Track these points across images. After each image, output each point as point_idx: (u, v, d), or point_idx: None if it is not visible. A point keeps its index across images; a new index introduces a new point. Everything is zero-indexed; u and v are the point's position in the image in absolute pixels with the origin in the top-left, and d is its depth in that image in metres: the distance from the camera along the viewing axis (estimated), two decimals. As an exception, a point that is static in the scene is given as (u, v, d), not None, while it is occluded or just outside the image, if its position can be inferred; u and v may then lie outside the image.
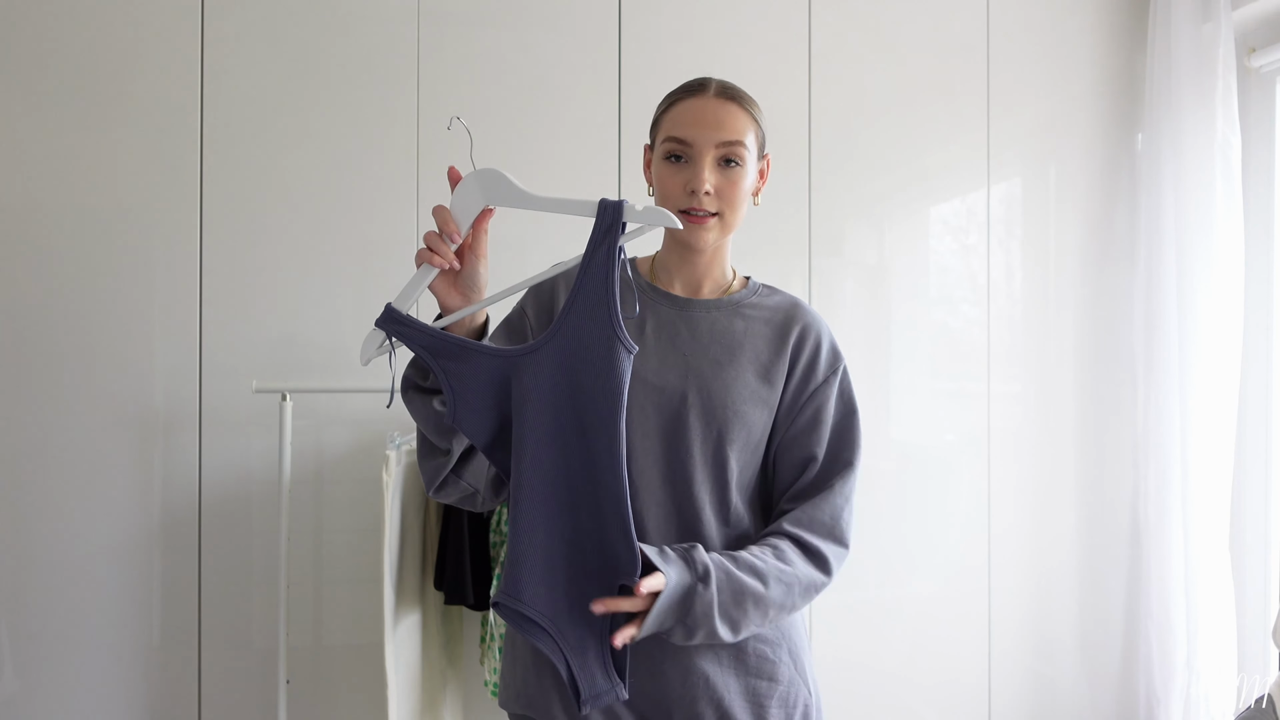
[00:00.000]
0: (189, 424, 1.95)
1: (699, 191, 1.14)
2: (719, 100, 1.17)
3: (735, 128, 1.16)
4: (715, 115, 1.16)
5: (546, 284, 1.25)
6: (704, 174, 1.14)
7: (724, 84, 1.19)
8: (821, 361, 1.22)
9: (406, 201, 2.04)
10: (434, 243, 1.08)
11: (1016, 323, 2.30)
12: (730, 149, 1.15)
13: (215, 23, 1.98)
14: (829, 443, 1.21)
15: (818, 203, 2.20)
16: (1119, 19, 2.35)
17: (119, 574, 1.93)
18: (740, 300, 1.24)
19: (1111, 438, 2.33)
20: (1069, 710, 2.30)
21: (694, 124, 1.16)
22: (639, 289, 1.24)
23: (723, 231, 1.19)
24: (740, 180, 1.17)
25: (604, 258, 1.06)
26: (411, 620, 1.79)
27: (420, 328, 1.07)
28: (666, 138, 1.18)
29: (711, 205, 1.16)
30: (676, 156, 1.17)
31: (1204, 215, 2.15)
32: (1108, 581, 2.32)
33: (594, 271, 1.06)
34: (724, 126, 1.15)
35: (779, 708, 1.16)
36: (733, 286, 1.26)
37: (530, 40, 2.09)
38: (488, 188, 1.10)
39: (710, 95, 1.17)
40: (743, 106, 1.18)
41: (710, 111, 1.16)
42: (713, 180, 1.15)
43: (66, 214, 1.93)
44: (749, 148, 1.17)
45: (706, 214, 1.16)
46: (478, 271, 1.11)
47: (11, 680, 1.89)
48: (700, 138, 1.15)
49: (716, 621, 1.07)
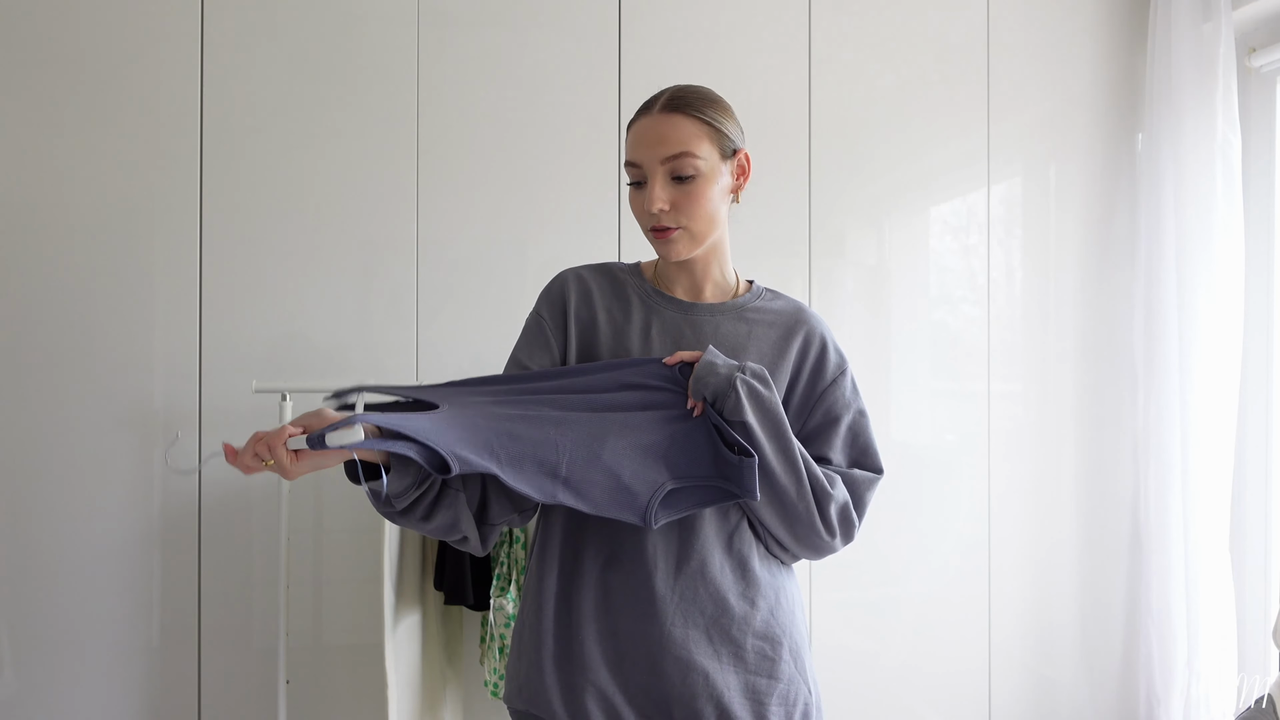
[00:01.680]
0: (189, 424, 1.95)
1: (654, 210, 1.16)
2: (664, 115, 1.17)
3: (679, 139, 1.16)
4: (657, 132, 1.16)
5: (557, 286, 1.27)
6: (655, 193, 1.16)
7: (674, 95, 1.19)
8: (829, 364, 1.24)
9: (406, 201, 2.04)
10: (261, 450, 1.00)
11: (1016, 323, 2.30)
12: (676, 163, 1.16)
13: (215, 23, 1.98)
14: (846, 447, 1.24)
15: (818, 203, 2.20)
16: (1119, 19, 2.35)
17: (119, 574, 1.93)
18: (744, 304, 1.25)
19: (1111, 438, 2.33)
20: (1069, 710, 2.30)
21: (639, 144, 1.18)
22: (643, 294, 1.25)
23: (693, 241, 1.19)
24: (698, 190, 1.17)
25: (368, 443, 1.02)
26: (411, 620, 1.79)
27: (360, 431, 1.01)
28: (626, 163, 1.20)
29: (670, 221, 1.17)
30: (635, 181, 1.19)
31: (1204, 215, 2.14)
32: (1108, 581, 2.32)
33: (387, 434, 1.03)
34: (666, 141, 1.16)
35: (779, 705, 1.17)
36: (737, 290, 1.28)
37: (530, 40, 2.09)
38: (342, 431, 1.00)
39: (655, 112, 1.18)
40: (690, 115, 1.17)
41: (653, 129, 1.17)
42: (666, 196, 1.16)
43: (66, 214, 1.93)
44: (702, 155, 1.16)
45: (669, 229, 1.17)
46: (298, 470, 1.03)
47: (11, 680, 1.89)
48: (646, 157, 1.17)
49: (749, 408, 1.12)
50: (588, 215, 2.09)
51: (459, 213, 2.06)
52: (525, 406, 1.15)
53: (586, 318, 1.24)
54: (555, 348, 1.24)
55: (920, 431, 2.26)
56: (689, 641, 1.14)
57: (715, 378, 1.12)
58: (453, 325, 2.06)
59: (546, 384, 1.18)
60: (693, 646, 1.14)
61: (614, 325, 1.23)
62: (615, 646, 1.15)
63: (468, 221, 2.07)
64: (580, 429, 1.12)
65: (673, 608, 1.15)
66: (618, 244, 2.09)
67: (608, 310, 1.24)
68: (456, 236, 2.06)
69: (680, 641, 1.14)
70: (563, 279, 1.28)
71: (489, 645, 1.84)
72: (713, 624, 1.16)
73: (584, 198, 2.09)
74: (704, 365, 1.13)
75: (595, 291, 1.25)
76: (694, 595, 1.16)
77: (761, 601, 1.19)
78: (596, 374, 1.18)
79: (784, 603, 1.22)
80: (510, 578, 1.80)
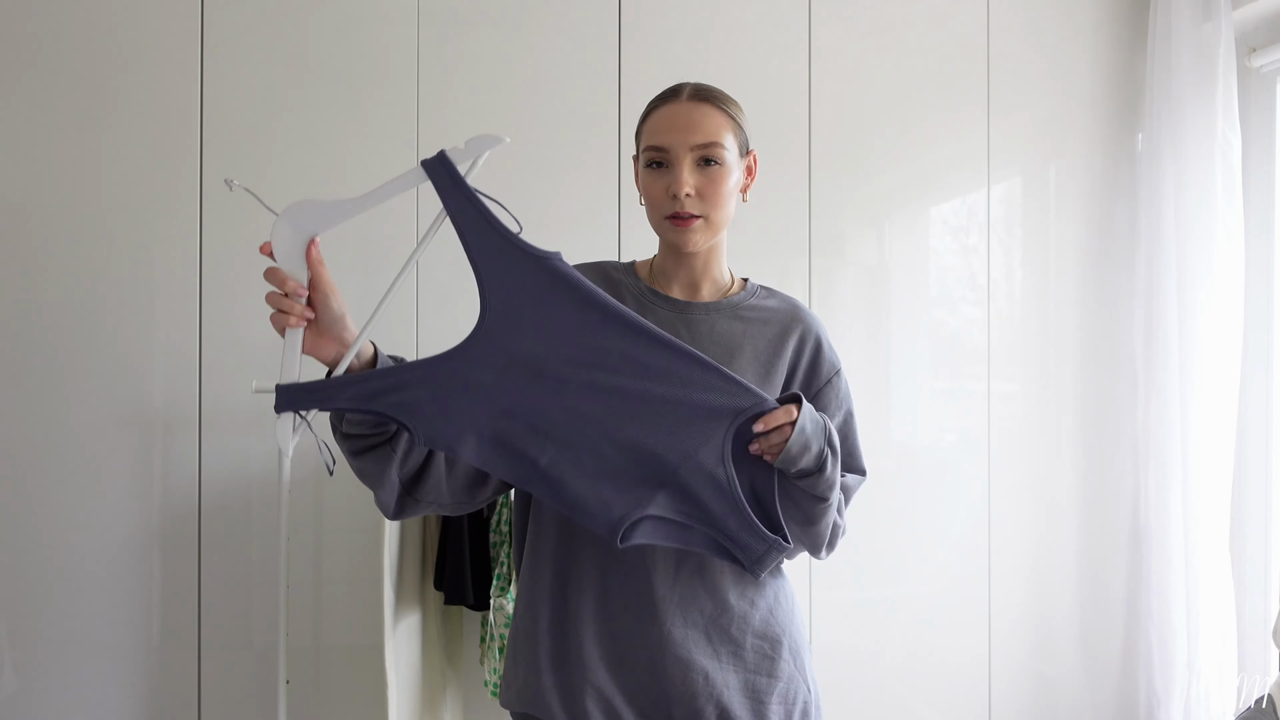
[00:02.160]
0: (189, 424, 1.95)
1: (680, 195, 1.15)
2: (693, 103, 1.18)
3: (710, 129, 1.17)
4: (689, 118, 1.17)
5: None
6: (683, 177, 1.15)
7: (699, 87, 1.20)
8: (824, 365, 1.25)
9: (406, 201, 2.04)
10: (278, 302, 1.03)
11: (1016, 323, 2.30)
12: (707, 150, 1.16)
13: (215, 23, 1.98)
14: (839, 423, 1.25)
15: (818, 203, 2.20)
16: (1119, 19, 2.35)
17: (119, 574, 1.93)
18: (739, 302, 1.25)
19: (1111, 438, 2.33)
20: (1069, 710, 2.30)
21: (669, 129, 1.17)
22: (638, 293, 1.25)
23: (710, 232, 1.19)
24: (721, 179, 1.17)
25: (464, 206, 1.04)
26: (411, 620, 1.79)
27: (334, 385, 1.03)
28: (646, 146, 1.20)
29: (694, 207, 1.17)
30: (657, 164, 1.18)
31: (1204, 215, 2.15)
32: (1108, 581, 2.32)
33: (467, 224, 1.04)
34: (698, 129, 1.16)
35: (779, 704, 1.17)
36: (732, 289, 1.27)
37: (530, 40, 2.09)
38: (298, 223, 1.03)
39: (684, 99, 1.19)
40: (718, 107, 1.19)
41: (684, 115, 1.17)
42: (693, 182, 1.16)
43: (66, 214, 1.93)
44: (727, 147, 1.18)
45: (691, 216, 1.17)
46: (332, 309, 1.06)
47: (11, 680, 1.89)
48: (676, 142, 1.16)
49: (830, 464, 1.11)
50: (588, 215, 2.09)
51: (459, 213, 2.06)
52: (558, 368, 1.05)
53: None
54: None
55: (920, 431, 2.26)
56: (688, 641, 1.14)
57: (806, 455, 1.07)
58: (453, 325, 2.05)
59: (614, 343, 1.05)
60: (692, 646, 1.14)
61: None
62: (614, 647, 1.15)
63: (468, 221, 2.06)
64: (589, 419, 1.05)
65: (672, 607, 1.15)
66: (618, 244, 2.09)
67: None
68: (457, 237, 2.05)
69: (680, 641, 1.14)
70: None
71: (489, 645, 1.84)
72: (712, 623, 1.16)
73: (584, 198, 2.09)
74: (797, 442, 1.06)
75: None
76: (693, 595, 1.16)
77: (760, 600, 1.19)
78: (679, 360, 1.06)
79: (783, 601, 1.22)
80: (510, 578, 1.80)
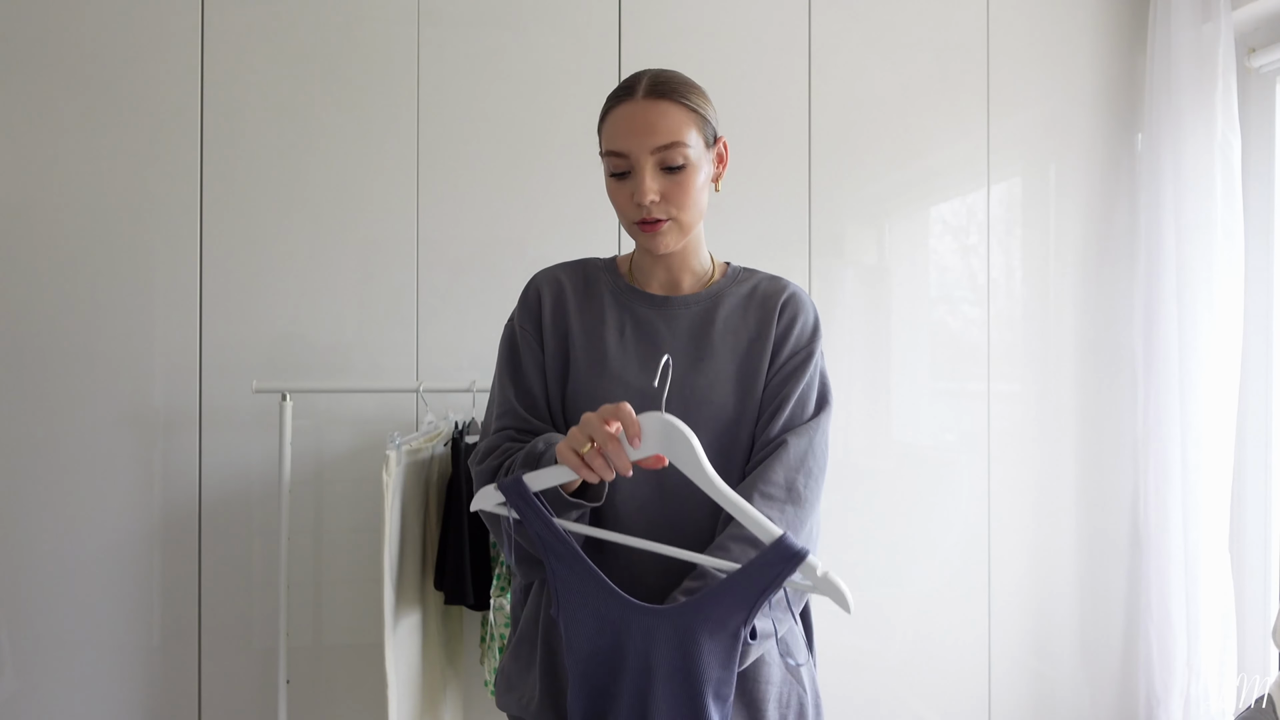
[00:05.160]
0: (189, 424, 1.95)
1: (645, 203, 1.12)
2: (649, 102, 1.12)
3: (669, 128, 1.11)
4: (646, 120, 1.11)
5: (532, 292, 1.24)
6: (646, 184, 1.11)
7: (655, 79, 1.14)
8: (809, 328, 1.22)
9: (406, 201, 2.04)
10: (608, 446, 0.98)
11: (1016, 323, 2.30)
12: (667, 153, 1.11)
13: (215, 23, 1.98)
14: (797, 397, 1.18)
15: (818, 203, 2.20)
16: (1119, 19, 2.35)
17: (119, 574, 1.93)
18: (720, 289, 1.23)
19: (1111, 438, 2.33)
20: (1069, 710, 2.30)
21: (627, 134, 1.12)
22: (616, 290, 1.23)
23: (681, 232, 1.17)
24: (687, 181, 1.13)
25: (757, 590, 1.00)
26: (411, 620, 1.79)
27: (543, 519, 1.03)
28: (606, 151, 1.15)
29: (660, 212, 1.13)
30: (619, 172, 1.14)
31: (1204, 215, 2.14)
32: (1108, 581, 2.32)
33: (740, 591, 1.01)
34: (657, 130, 1.11)
35: (776, 706, 1.16)
36: (713, 276, 1.25)
37: (530, 40, 2.09)
38: (671, 441, 1.00)
39: (639, 98, 1.13)
40: (677, 101, 1.13)
41: (641, 116, 1.12)
42: (656, 187, 1.12)
43: (66, 214, 1.93)
44: (690, 144, 1.13)
45: (659, 220, 1.14)
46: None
47: (11, 680, 1.89)
48: (635, 146, 1.11)
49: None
50: (588, 215, 2.09)
51: (459, 213, 2.06)
52: None
53: (561, 325, 1.22)
54: (540, 356, 1.22)
55: (920, 431, 2.26)
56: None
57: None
58: (453, 326, 2.06)
59: None
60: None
61: (586, 329, 1.21)
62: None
63: (468, 222, 2.06)
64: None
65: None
66: (618, 244, 2.09)
67: (580, 313, 1.22)
68: (456, 237, 2.06)
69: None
70: (536, 285, 1.25)
71: (489, 645, 1.84)
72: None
73: (584, 198, 2.09)
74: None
75: (569, 294, 1.23)
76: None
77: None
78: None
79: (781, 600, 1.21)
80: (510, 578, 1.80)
